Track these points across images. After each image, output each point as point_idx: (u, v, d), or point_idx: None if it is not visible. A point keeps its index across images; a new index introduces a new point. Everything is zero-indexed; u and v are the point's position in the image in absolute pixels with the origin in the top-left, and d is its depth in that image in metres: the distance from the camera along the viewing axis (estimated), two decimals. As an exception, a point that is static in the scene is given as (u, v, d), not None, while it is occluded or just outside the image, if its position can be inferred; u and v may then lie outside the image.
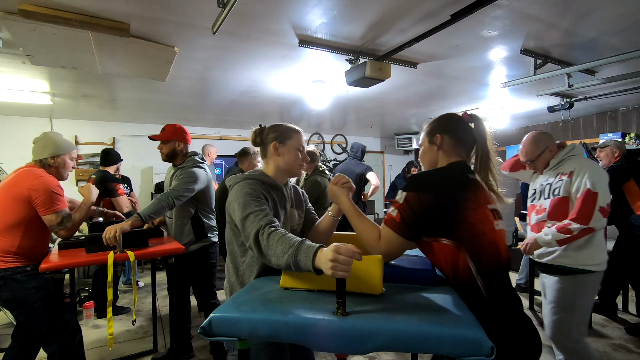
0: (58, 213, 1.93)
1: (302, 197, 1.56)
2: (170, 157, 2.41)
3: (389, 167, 8.18)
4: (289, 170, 1.42)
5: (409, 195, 1.10)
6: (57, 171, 2.07)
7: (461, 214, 1.07)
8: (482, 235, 1.08)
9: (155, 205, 2.11)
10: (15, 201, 1.87)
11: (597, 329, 2.95)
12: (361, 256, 0.92)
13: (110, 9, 2.05)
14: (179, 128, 2.40)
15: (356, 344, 0.85)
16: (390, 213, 1.13)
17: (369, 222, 1.22)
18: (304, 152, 1.43)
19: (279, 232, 1.11)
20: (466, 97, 4.33)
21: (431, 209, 1.07)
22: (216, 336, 0.91)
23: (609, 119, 5.32)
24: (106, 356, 2.61)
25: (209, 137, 6.15)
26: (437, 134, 1.25)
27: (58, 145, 2.07)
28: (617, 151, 3.18)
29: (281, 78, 3.43)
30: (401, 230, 1.10)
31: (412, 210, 1.08)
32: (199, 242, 2.40)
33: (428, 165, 1.29)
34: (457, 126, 1.26)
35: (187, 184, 2.24)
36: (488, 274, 1.07)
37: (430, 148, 1.27)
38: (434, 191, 1.08)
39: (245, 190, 1.26)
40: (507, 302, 1.10)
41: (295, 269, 1.02)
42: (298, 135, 1.42)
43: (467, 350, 0.80)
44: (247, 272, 1.31)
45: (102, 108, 4.62)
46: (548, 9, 2.14)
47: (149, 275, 4.73)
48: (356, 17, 2.22)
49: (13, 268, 1.84)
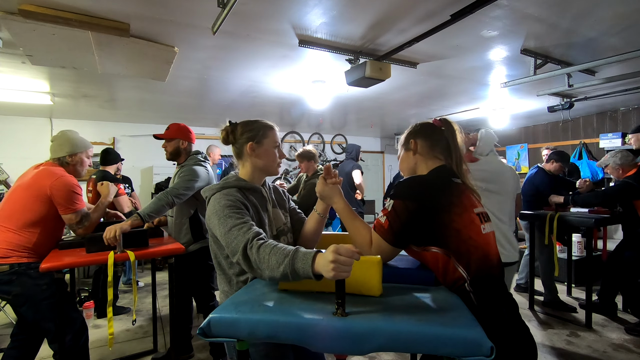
0: (77, 212, 1.99)
1: (284, 196, 1.51)
2: (174, 156, 2.40)
3: (389, 167, 8.18)
4: (267, 171, 1.36)
5: (395, 202, 1.11)
6: (74, 169, 2.11)
7: (446, 220, 1.08)
8: (469, 240, 1.08)
9: (154, 204, 2.11)
10: (36, 199, 1.91)
11: (597, 329, 2.95)
12: (359, 255, 0.92)
13: (110, 9, 2.05)
14: (183, 127, 2.40)
15: (356, 345, 0.85)
16: (380, 219, 1.14)
17: (362, 225, 1.21)
18: (280, 149, 1.38)
19: (269, 244, 1.05)
20: (466, 97, 4.33)
21: (417, 216, 1.08)
22: (215, 337, 0.91)
23: (609, 119, 5.32)
24: (106, 356, 2.61)
25: (209, 137, 6.15)
26: (410, 140, 1.29)
27: (75, 143, 2.10)
28: (620, 169, 3.14)
29: (281, 78, 3.43)
30: (389, 237, 1.11)
31: (399, 217, 1.09)
32: (197, 242, 2.39)
33: (407, 172, 1.31)
34: (428, 130, 1.29)
35: (187, 182, 2.23)
36: (479, 278, 1.07)
37: (407, 155, 1.30)
38: (418, 198, 1.09)
39: (223, 203, 1.19)
40: (498, 306, 1.09)
41: (293, 278, 0.98)
42: (273, 131, 1.36)
43: (467, 351, 0.80)
44: (240, 280, 1.28)
45: (102, 108, 4.62)
46: (548, 9, 2.14)
47: (149, 275, 4.73)
48: (356, 17, 2.22)
49: (27, 264, 1.88)
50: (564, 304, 3.36)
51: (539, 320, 3.17)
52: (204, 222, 2.42)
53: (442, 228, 1.08)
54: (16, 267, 1.86)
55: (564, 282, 3.86)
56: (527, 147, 6.39)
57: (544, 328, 3.00)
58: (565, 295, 3.72)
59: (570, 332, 2.91)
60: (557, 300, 3.40)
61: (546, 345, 2.70)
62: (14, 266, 1.86)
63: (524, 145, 6.44)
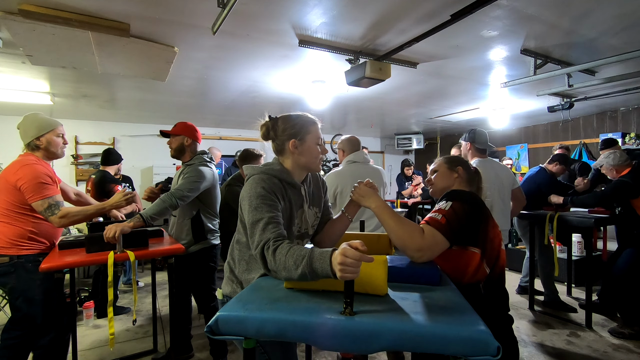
0: (44, 200, 1.90)
1: (322, 190, 1.48)
2: (179, 152, 2.38)
3: (389, 167, 8.18)
4: (309, 168, 1.33)
5: (455, 204, 1.32)
6: (47, 151, 2.04)
7: (487, 228, 1.34)
8: (498, 248, 1.37)
9: (158, 206, 2.08)
10: (8, 190, 1.90)
11: (597, 329, 2.95)
12: (372, 258, 0.92)
13: (110, 9, 2.05)
14: (190, 125, 2.39)
15: (363, 344, 0.86)
16: (434, 217, 1.31)
17: (407, 220, 1.32)
18: (322, 145, 1.34)
19: (284, 246, 1.06)
20: (466, 97, 4.33)
21: (471, 219, 1.31)
22: (223, 335, 0.91)
23: (609, 119, 5.32)
24: (106, 356, 2.61)
25: (209, 137, 6.15)
26: (458, 167, 1.54)
27: (39, 124, 2.03)
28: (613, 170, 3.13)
29: (281, 78, 3.43)
30: (445, 231, 1.26)
31: (457, 215, 1.29)
32: (197, 244, 2.38)
33: (443, 189, 1.53)
34: (469, 167, 1.59)
35: (192, 183, 2.21)
36: (493, 279, 1.36)
37: (450, 174, 1.54)
38: (473, 205, 1.35)
39: (258, 190, 1.18)
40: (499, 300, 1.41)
41: (312, 277, 0.99)
42: (315, 127, 1.31)
43: (473, 350, 0.81)
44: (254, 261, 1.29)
45: (102, 108, 4.62)
46: (548, 9, 2.14)
47: (149, 275, 4.73)
48: (356, 17, 2.22)
49: (26, 256, 1.89)
50: (564, 304, 3.36)
51: (539, 320, 3.17)
52: (206, 224, 2.42)
53: (483, 234, 1.33)
54: (15, 259, 1.87)
55: (564, 282, 3.86)
56: (527, 147, 6.39)
57: (544, 328, 3.00)
58: (565, 295, 3.72)
59: (570, 332, 2.91)
60: (557, 300, 3.40)
61: (546, 345, 2.70)
62: (13, 258, 1.87)
63: (524, 145, 6.43)
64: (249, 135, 6.46)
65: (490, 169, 2.73)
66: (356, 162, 2.57)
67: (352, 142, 2.64)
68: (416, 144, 7.27)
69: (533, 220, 3.39)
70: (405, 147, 7.47)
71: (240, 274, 1.32)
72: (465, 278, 1.31)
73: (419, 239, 1.24)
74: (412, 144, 7.28)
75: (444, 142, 7.87)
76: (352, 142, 2.64)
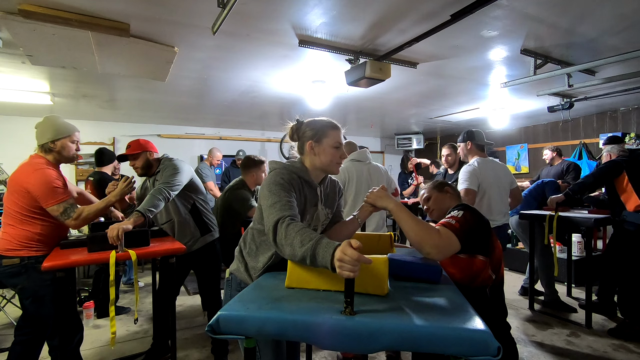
0: (60, 204, 1.93)
1: (337, 197, 1.54)
2: (147, 168, 2.36)
3: (389, 167, 8.18)
4: (325, 169, 1.39)
5: (466, 213, 1.45)
6: (59, 155, 2.05)
7: (492, 239, 1.53)
8: (500, 257, 1.58)
9: (152, 199, 2.07)
10: (19, 194, 1.92)
11: (597, 329, 2.95)
12: (370, 260, 0.92)
13: (110, 9, 2.05)
14: (144, 140, 2.39)
15: (364, 343, 0.86)
16: (449, 221, 1.41)
17: (421, 220, 1.38)
18: (341, 149, 1.39)
19: (298, 224, 1.12)
20: (466, 97, 4.33)
21: (480, 228, 1.46)
22: (224, 334, 0.92)
23: (609, 119, 5.32)
24: (106, 356, 2.61)
25: (209, 137, 6.15)
26: (446, 187, 1.77)
27: (57, 129, 2.04)
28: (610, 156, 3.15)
29: (281, 78, 3.43)
30: (459, 234, 1.36)
31: (468, 222, 1.41)
32: (204, 236, 2.43)
33: (441, 206, 1.71)
34: (452, 185, 1.83)
35: (175, 175, 2.21)
36: (495, 284, 1.59)
37: (443, 195, 1.75)
38: (482, 217, 1.51)
39: (277, 179, 1.27)
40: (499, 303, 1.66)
41: (311, 262, 1.02)
42: (335, 132, 1.38)
43: (474, 350, 0.81)
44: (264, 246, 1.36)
45: (102, 108, 4.62)
46: (548, 9, 2.14)
47: (149, 275, 4.73)
48: (356, 17, 2.22)
49: (36, 257, 1.90)
50: (564, 304, 3.36)
51: (539, 320, 3.17)
52: (205, 213, 2.48)
53: (489, 244, 1.51)
54: (26, 260, 1.90)
55: (564, 282, 3.86)
56: (527, 147, 6.39)
57: (544, 328, 3.00)
58: (565, 295, 3.72)
59: (570, 332, 2.91)
60: (557, 300, 3.40)
61: (546, 345, 2.70)
62: (24, 259, 1.90)
63: (524, 145, 6.43)
64: (249, 135, 6.45)
65: (490, 169, 2.82)
66: (359, 160, 2.66)
67: (350, 144, 2.75)
68: (416, 144, 7.27)
69: (533, 220, 3.39)
70: (405, 147, 7.46)
71: (247, 255, 1.40)
72: (475, 282, 1.48)
73: (436, 236, 1.31)
74: (412, 144, 7.29)
75: (444, 142, 7.80)
76: (349, 144, 2.74)
